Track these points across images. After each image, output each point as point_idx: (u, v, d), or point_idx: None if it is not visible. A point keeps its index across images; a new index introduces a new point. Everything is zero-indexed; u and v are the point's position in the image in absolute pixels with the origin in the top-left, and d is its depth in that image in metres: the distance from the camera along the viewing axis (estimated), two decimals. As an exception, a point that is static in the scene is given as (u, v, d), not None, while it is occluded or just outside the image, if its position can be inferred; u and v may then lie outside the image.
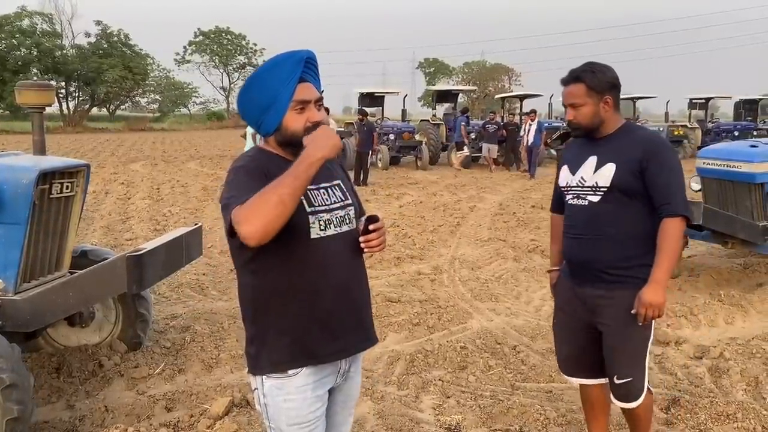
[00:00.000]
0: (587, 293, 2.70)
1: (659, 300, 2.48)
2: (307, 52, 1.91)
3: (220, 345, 4.59)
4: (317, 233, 1.89)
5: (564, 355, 2.93)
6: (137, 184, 14.09)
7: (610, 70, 2.64)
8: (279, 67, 1.87)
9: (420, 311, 5.35)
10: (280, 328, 1.90)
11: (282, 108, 1.86)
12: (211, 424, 3.43)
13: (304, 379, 1.91)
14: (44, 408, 3.63)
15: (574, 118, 2.65)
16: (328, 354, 1.94)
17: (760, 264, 6.70)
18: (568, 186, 2.76)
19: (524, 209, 10.99)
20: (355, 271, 2.02)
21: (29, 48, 45.38)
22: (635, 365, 2.67)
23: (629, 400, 2.71)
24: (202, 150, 25.49)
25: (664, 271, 2.50)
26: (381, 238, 1.98)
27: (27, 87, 3.96)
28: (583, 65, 2.65)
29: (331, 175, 2.05)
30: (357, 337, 2.02)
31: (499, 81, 62.47)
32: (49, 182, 3.59)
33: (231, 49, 61.43)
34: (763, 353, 4.39)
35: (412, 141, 18.38)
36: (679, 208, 2.51)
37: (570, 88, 2.65)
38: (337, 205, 1.98)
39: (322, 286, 1.90)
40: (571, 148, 2.87)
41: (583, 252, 2.69)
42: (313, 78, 1.93)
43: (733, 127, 21.25)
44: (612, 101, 2.61)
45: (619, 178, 2.56)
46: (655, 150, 2.56)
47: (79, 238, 7.27)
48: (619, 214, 2.60)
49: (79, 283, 3.51)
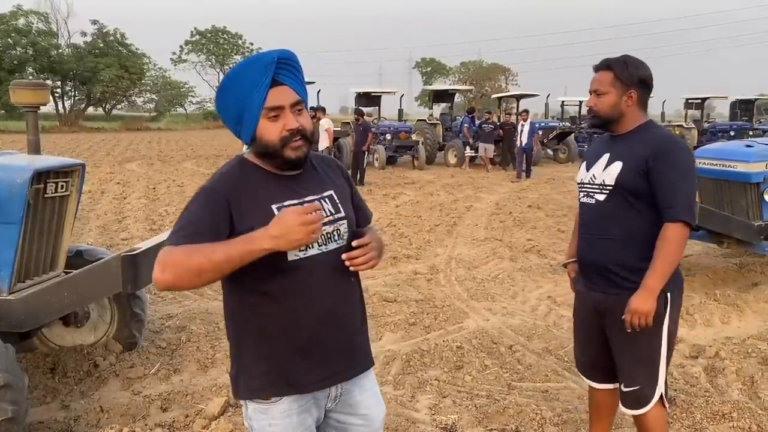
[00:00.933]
0: (595, 296, 2.64)
1: (646, 308, 2.38)
2: (280, 51, 1.72)
3: (215, 345, 4.58)
4: (295, 255, 1.72)
5: (579, 356, 2.88)
6: (133, 184, 14.05)
7: (645, 68, 2.55)
8: (246, 72, 1.71)
9: (416, 311, 5.35)
10: (258, 354, 1.78)
11: (253, 117, 1.70)
12: (206, 424, 3.42)
13: (288, 405, 1.79)
14: (39, 408, 3.61)
15: (594, 105, 2.58)
16: (309, 383, 1.80)
17: (755, 263, 6.71)
18: (581, 182, 2.70)
19: (521, 209, 10.99)
20: (344, 294, 1.84)
21: (25, 47, 45.28)
22: (642, 374, 2.56)
23: (635, 407, 2.60)
24: (199, 150, 25.46)
25: (656, 277, 2.39)
26: (366, 256, 1.74)
27: (22, 86, 3.94)
28: (618, 56, 2.57)
29: (323, 185, 1.86)
30: (344, 364, 1.85)
31: (496, 81, 62.52)
32: (44, 182, 3.58)
33: (227, 49, 61.46)
34: (759, 353, 4.40)
35: (408, 141, 18.39)
36: (682, 213, 2.39)
37: (598, 74, 2.57)
38: (325, 220, 1.78)
39: (302, 313, 1.74)
40: (593, 144, 2.80)
41: (589, 252, 2.64)
42: (291, 80, 1.74)
43: (729, 127, 21.27)
44: (636, 97, 2.53)
45: (624, 176, 2.48)
46: (665, 149, 2.44)
47: (75, 238, 7.26)
48: (624, 214, 2.51)
49: (74, 283, 3.49)
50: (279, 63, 1.71)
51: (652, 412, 2.58)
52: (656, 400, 2.57)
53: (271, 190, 1.75)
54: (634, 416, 2.68)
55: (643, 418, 2.62)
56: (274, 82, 1.70)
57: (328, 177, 1.90)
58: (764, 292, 5.73)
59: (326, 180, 1.89)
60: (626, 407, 2.64)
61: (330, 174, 1.92)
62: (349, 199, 1.93)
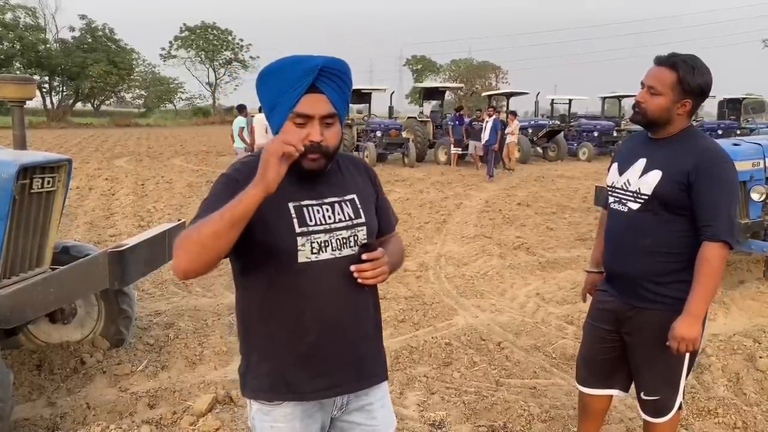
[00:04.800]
0: (618, 305, 2.54)
1: (692, 335, 2.27)
2: (328, 59, 1.64)
3: (203, 342, 4.56)
4: (306, 257, 1.67)
5: (582, 362, 2.79)
6: (121, 180, 13.97)
7: (709, 75, 2.33)
8: (287, 70, 1.63)
9: (405, 308, 5.36)
10: (262, 354, 1.75)
11: (282, 115, 1.64)
12: (194, 421, 3.41)
13: (291, 409, 1.75)
14: (25, 405, 3.59)
15: (644, 102, 2.36)
16: (309, 391, 1.74)
17: (741, 261, 6.77)
18: (613, 186, 2.55)
19: (510, 207, 11.02)
20: (354, 303, 1.75)
21: (12, 42, 44.93)
22: (665, 384, 2.50)
23: (656, 416, 2.55)
24: (188, 146, 25.33)
25: (700, 301, 2.27)
26: (377, 270, 1.66)
27: (7, 81, 3.91)
28: (687, 55, 2.34)
29: (345, 187, 1.78)
30: (350, 376, 1.78)
31: (486, 79, 62.64)
32: (30, 177, 3.55)
33: (217, 45, 61.18)
34: (744, 350, 4.44)
35: (398, 138, 18.36)
36: (723, 233, 2.26)
37: (659, 70, 2.34)
38: (342, 225, 1.72)
39: (307, 318, 1.68)
40: (626, 144, 2.66)
41: (617, 262, 2.53)
42: (332, 90, 1.64)
43: (716, 126, 21.43)
44: (690, 106, 2.35)
45: (663, 188, 2.33)
46: (708, 164, 2.28)
47: (63, 234, 7.21)
48: (657, 225, 2.38)
49: (61, 279, 3.46)
50: (323, 71, 1.62)
51: (670, 419, 2.56)
52: (676, 410, 2.54)
53: (291, 187, 1.68)
54: (649, 422, 2.62)
55: (658, 425, 2.58)
56: (314, 87, 1.62)
57: (353, 180, 1.82)
58: (750, 290, 5.79)
59: (350, 183, 1.80)
60: (646, 414, 2.59)
61: (356, 177, 1.84)
62: (372, 204, 1.84)
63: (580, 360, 2.81)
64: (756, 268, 6.51)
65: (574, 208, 10.86)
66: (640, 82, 2.41)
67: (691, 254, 2.33)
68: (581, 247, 7.80)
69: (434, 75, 67.54)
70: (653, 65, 2.38)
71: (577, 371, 2.84)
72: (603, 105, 26.42)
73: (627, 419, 3.51)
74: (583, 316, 2.93)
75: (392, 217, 1.95)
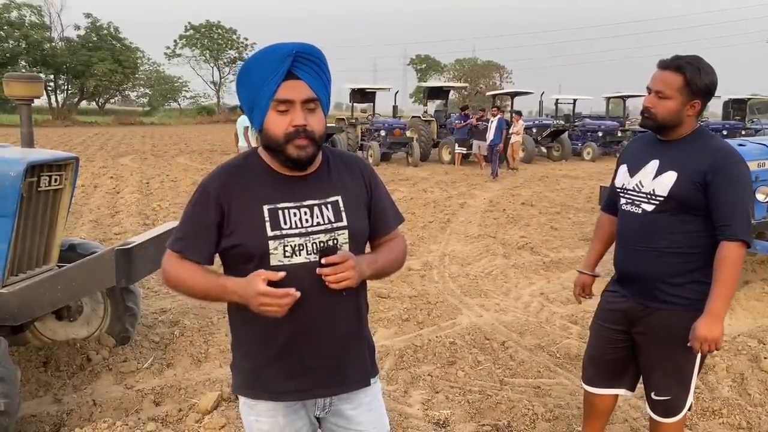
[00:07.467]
0: (629, 305, 2.53)
1: (715, 334, 2.26)
2: (300, 45, 1.63)
3: (209, 339, 4.58)
4: (279, 260, 1.66)
5: (589, 361, 2.78)
6: (126, 178, 14.00)
7: (714, 75, 2.35)
8: (261, 61, 1.63)
9: (410, 307, 5.37)
10: (243, 352, 1.80)
11: (263, 108, 1.64)
12: (199, 418, 3.42)
13: (274, 405, 1.78)
14: (31, 402, 3.61)
15: (653, 106, 2.37)
16: (283, 392, 1.76)
17: (746, 262, 6.76)
18: (624, 188, 2.54)
19: (514, 206, 11.02)
20: (329, 306, 1.71)
21: (17, 40, 45.05)
22: (676, 385, 2.50)
23: (665, 416, 2.55)
24: (192, 144, 25.37)
25: (720, 301, 2.26)
26: (338, 275, 1.61)
27: (15, 79, 3.92)
28: (690, 56, 2.35)
29: (329, 189, 1.75)
30: (324, 379, 1.77)
31: (491, 78, 62.60)
32: (38, 175, 3.57)
33: (222, 44, 61.18)
34: (749, 350, 4.44)
35: (403, 137, 18.36)
36: (740, 232, 2.26)
37: (665, 74, 2.34)
38: (321, 228, 1.69)
39: (279, 320, 1.64)
40: (634, 145, 2.65)
41: (631, 264, 2.51)
42: (309, 76, 1.64)
43: (721, 126, 21.37)
44: (699, 107, 2.36)
45: (679, 188, 2.33)
46: (724, 163, 2.29)
47: (68, 232, 7.23)
48: (672, 226, 2.38)
49: (67, 277, 3.49)
50: (298, 56, 1.62)
51: (678, 420, 2.56)
52: (686, 410, 2.55)
53: (268, 190, 1.69)
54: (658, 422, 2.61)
55: (666, 425, 2.58)
56: (291, 75, 1.62)
57: (341, 181, 1.77)
58: (755, 290, 5.79)
59: (336, 184, 1.76)
60: (656, 414, 2.59)
61: (345, 177, 1.79)
62: (362, 206, 1.79)
63: (587, 360, 2.80)
64: (761, 268, 6.51)
65: (578, 208, 10.86)
66: (647, 87, 2.41)
67: (705, 254, 2.33)
68: (585, 247, 7.79)
69: (438, 74, 67.52)
70: (657, 69, 2.39)
71: (583, 371, 2.84)
72: (607, 105, 26.39)
73: (631, 419, 3.51)
74: (588, 316, 2.95)
75: (392, 218, 1.89)
